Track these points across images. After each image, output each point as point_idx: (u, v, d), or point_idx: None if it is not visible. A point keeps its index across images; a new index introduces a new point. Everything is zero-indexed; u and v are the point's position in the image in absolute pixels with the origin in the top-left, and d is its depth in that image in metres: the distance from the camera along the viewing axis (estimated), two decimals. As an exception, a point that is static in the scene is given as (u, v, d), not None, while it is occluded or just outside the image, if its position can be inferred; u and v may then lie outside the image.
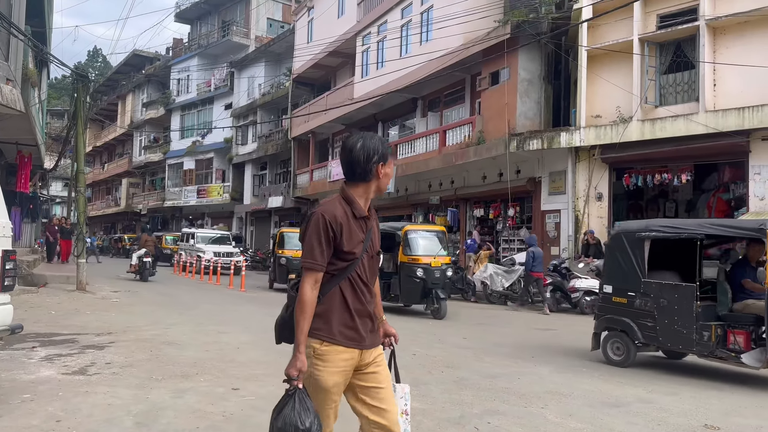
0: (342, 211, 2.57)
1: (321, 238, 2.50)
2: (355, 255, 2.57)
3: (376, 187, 2.69)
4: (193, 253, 24.75)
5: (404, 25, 21.45)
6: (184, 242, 26.86)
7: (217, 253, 24.05)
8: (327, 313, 2.56)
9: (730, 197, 14.88)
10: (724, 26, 14.00)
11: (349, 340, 2.58)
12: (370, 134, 2.69)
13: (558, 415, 5.17)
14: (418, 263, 11.74)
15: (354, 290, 2.59)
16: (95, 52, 75.20)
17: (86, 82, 16.82)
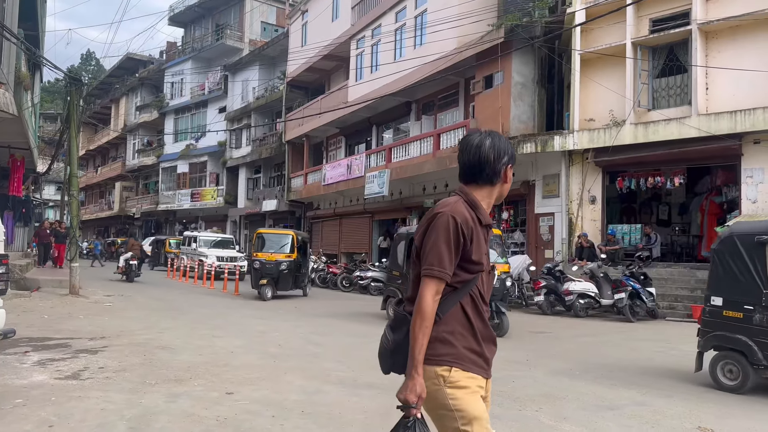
0: (469, 215, 2.26)
1: (451, 243, 2.18)
2: (483, 267, 2.28)
3: (499, 192, 2.42)
4: (195, 257, 23.90)
5: (398, 28, 21.49)
6: (186, 246, 25.87)
7: (220, 257, 23.20)
8: (450, 334, 2.22)
9: (722, 200, 14.96)
10: (716, 30, 14.10)
11: (477, 367, 2.27)
12: (496, 132, 2.43)
13: (552, 418, 5.17)
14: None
15: (476, 309, 2.30)
16: (88, 56, 74.93)
17: (79, 86, 16.77)
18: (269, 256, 15.68)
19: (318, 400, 5.45)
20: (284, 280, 15.71)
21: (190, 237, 26.14)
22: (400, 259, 11.49)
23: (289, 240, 16.22)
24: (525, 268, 15.23)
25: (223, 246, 25.01)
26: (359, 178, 23.30)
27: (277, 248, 16.09)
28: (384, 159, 22.27)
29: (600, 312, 13.66)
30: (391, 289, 11.77)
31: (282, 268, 15.48)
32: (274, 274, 15.48)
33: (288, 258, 15.75)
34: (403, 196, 22.77)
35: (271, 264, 15.53)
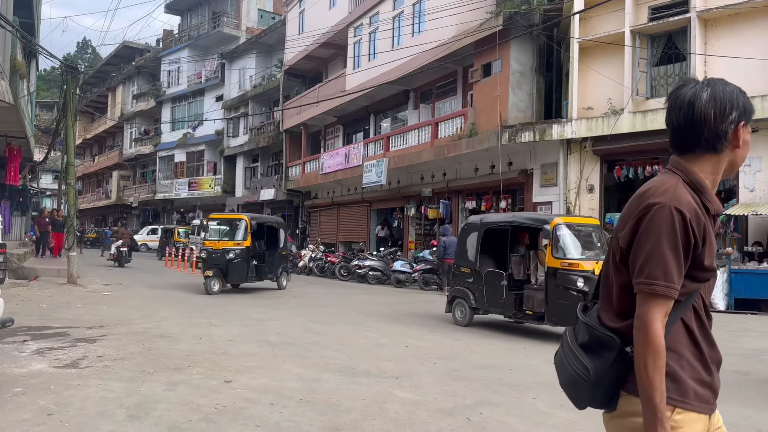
0: (696, 204, 1.71)
1: (678, 248, 1.64)
2: (714, 272, 1.77)
3: (730, 162, 1.81)
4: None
5: (396, 16, 21.37)
6: (196, 236, 24.16)
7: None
8: (676, 363, 1.70)
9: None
10: (715, 18, 14.05)
11: (705, 404, 1.76)
12: (719, 80, 1.84)
13: (549, 405, 5.20)
14: (578, 270, 8.34)
15: (702, 326, 1.79)
16: (84, 44, 74.47)
17: (76, 74, 16.69)
18: (216, 244, 14.02)
19: (316, 388, 5.48)
20: (235, 271, 13.82)
21: (198, 226, 24.36)
22: (471, 253, 9.87)
23: (241, 225, 14.28)
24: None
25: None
26: (357, 167, 23.27)
27: (226, 235, 14.50)
28: (382, 148, 22.23)
29: (597, 300, 13.69)
30: (459, 290, 10.01)
31: (230, 258, 13.64)
32: (222, 264, 13.69)
33: (238, 246, 13.87)
34: (401, 185, 22.75)
35: (218, 253, 13.78)
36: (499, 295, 9.19)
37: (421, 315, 11.21)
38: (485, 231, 9.73)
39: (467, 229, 10.28)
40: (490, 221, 10.05)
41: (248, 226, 14.22)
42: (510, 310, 9.11)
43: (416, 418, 4.70)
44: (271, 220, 16.68)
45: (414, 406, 5.00)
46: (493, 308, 9.46)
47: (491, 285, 9.35)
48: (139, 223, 46.06)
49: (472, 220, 10.53)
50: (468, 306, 9.68)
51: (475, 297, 9.61)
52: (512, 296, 9.11)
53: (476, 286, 9.59)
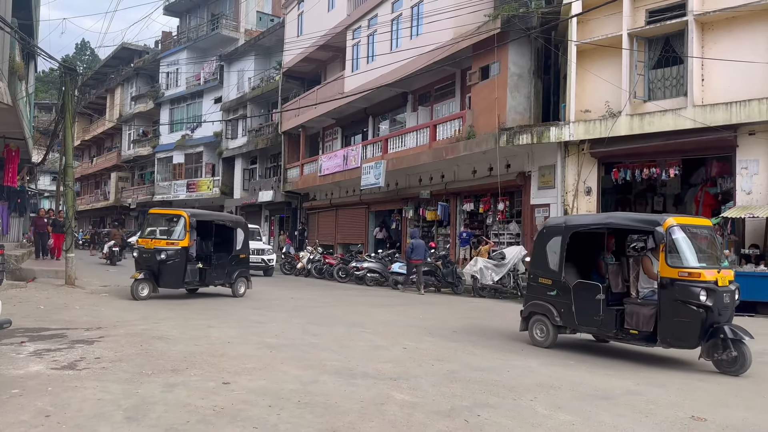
0: None
1: None
2: None
3: None
4: None
5: (394, 19, 21.41)
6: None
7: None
8: None
9: (717, 191, 15.02)
10: (712, 21, 14.09)
11: None
12: None
13: (547, 407, 5.22)
14: (699, 281, 7.01)
15: None
16: (83, 45, 74.41)
17: (74, 76, 16.67)
18: (149, 243, 12.49)
19: (314, 390, 5.48)
20: (168, 274, 12.27)
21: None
22: (554, 261, 8.35)
23: (179, 222, 12.60)
24: (520, 258, 15.30)
25: (252, 238, 23.09)
26: (355, 169, 23.28)
27: (162, 233, 12.92)
28: (380, 150, 22.24)
29: (595, 303, 13.71)
30: (538, 305, 8.48)
31: (161, 258, 12.08)
32: (153, 265, 12.21)
33: (171, 245, 12.29)
34: (399, 187, 22.77)
35: (148, 253, 12.30)
36: (594, 311, 7.74)
37: (419, 317, 11.22)
38: (570, 235, 8.22)
39: (547, 233, 8.68)
40: (578, 223, 8.55)
41: (187, 224, 12.51)
42: (609, 328, 7.72)
43: (414, 419, 4.71)
44: (226, 218, 14.93)
45: (412, 408, 5.00)
46: (586, 326, 8.05)
47: (583, 299, 7.90)
48: (137, 225, 45.99)
49: (554, 222, 9.04)
50: (551, 324, 8.27)
51: (560, 313, 8.16)
52: (612, 313, 7.68)
53: (562, 301, 8.14)
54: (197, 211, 14.30)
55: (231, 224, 14.15)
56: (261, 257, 20.83)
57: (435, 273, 16.72)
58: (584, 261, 8.50)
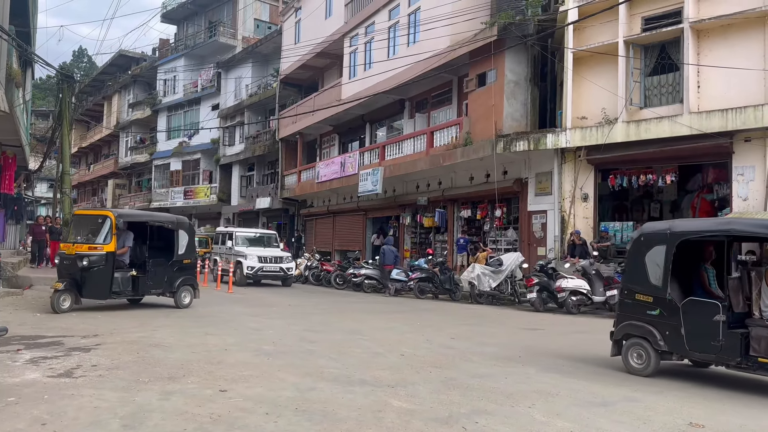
0: None
1: None
2: None
3: None
4: (231, 258, 19.87)
5: (392, 26, 21.49)
6: (220, 245, 21.57)
7: (262, 257, 19.40)
8: None
9: (713, 198, 15.04)
10: (707, 29, 14.17)
11: None
12: None
13: (545, 414, 5.21)
14: None
15: None
16: (80, 53, 74.49)
17: (71, 83, 16.71)
18: (71, 248, 11.12)
19: (312, 397, 5.47)
20: (91, 283, 10.89)
21: (224, 234, 21.88)
22: (656, 275, 7.10)
23: (105, 224, 11.16)
24: (518, 265, 15.30)
25: (265, 243, 20.97)
26: (353, 175, 23.30)
27: (85, 236, 11.39)
28: (377, 157, 22.27)
29: (592, 309, 13.73)
30: (634, 326, 7.25)
31: (83, 265, 10.75)
32: (74, 273, 10.86)
33: (94, 250, 10.92)
34: (396, 193, 22.78)
35: (69, 259, 10.99)
36: (711, 334, 6.52)
37: (417, 323, 11.21)
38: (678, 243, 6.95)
39: (645, 242, 7.36)
40: (687, 230, 7.15)
41: (113, 225, 11.09)
42: (732, 356, 6.45)
43: (412, 427, 4.70)
44: (164, 218, 13.18)
45: (410, 416, 4.99)
46: (700, 353, 6.76)
47: (695, 320, 6.68)
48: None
49: (654, 228, 7.59)
50: (652, 349, 7.00)
51: (664, 337, 6.90)
52: (735, 337, 6.44)
53: (667, 322, 6.89)
54: (128, 212, 13.32)
55: (171, 226, 12.48)
56: (279, 266, 19.63)
57: (432, 279, 16.71)
58: (686, 274, 7.24)
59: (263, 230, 24.35)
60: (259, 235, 21.66)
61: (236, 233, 21.00)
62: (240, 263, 19.31)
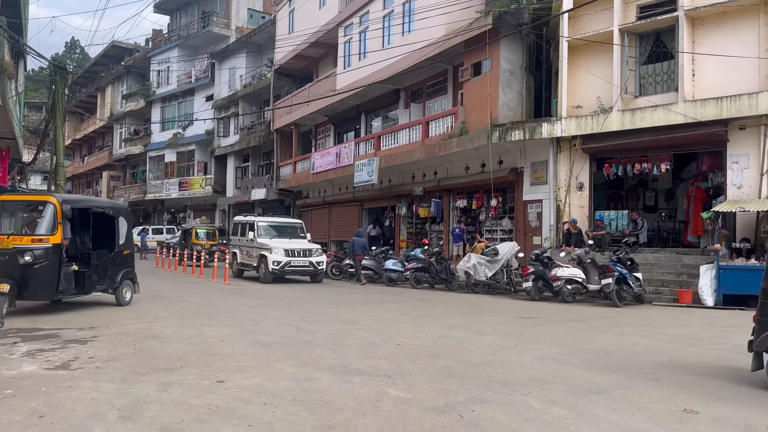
0: None
1: None
2: None
3: None
4: (253, 251, 18.08)
5: (386, 15, 21.38)
6: (240, 236, 19.41)
7: (289, 251, 17.33)
8: None
9: (708, 186, 15.11)
10: (702, 17, 14.16)
11: None
12: None
13: (541, 402, 5.24)
14: None
15: None
16: (73, 44, 73.93)
17: (64, 74, 16.61)
18: (5, 241, 9.14)
19: (309, 387, 5.49)
20: (36, 282, 9.11)
21: (244, 224, 19.50)
22: None
23: (47, 211, 9.42)
24: (513, 254, 15.35)
25: (290, 234, 18.75)
26: (348, 166, 23.26)
27: (19, 227, 9.70)
28: (373, 147, 22.24)
29: (587, 297, 13.80)
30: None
31: (26, 262, 8.97)
32: (13, 272, 8.97)
33: (39, 243, 9.18)
34: (392, 184, 22.77)
35: (5, 255, 9.03)
36: None
37: (413, 313, 11.24)
38: None
39: None
40: None
41: (59, 212, 9.36)
42: None
43: (409, 416, 4.72)
44: (104, 204, 11.71)
45: (407, 404, 5.02)
46: None
47: None
48: (129, 224, 45.75)
49: None
50: None
51: None
52: None
53: None
54: (71, 197, 11.67)
55: (111, 212, 10.97)
56: (308, 260, 17.42)
57: (428, 270, 16.74)
58: None
59: (288, 219, 22.01)
60: (284, 225, 19.55)
61: (258, 223, 18.77)
62: (264, 258, 17.26)
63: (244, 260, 18.25)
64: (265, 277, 17.14)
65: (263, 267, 17.26)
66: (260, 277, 17.37)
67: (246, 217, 21.76)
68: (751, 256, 12.79)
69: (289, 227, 19.36)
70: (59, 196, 10.28)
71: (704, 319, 11.14)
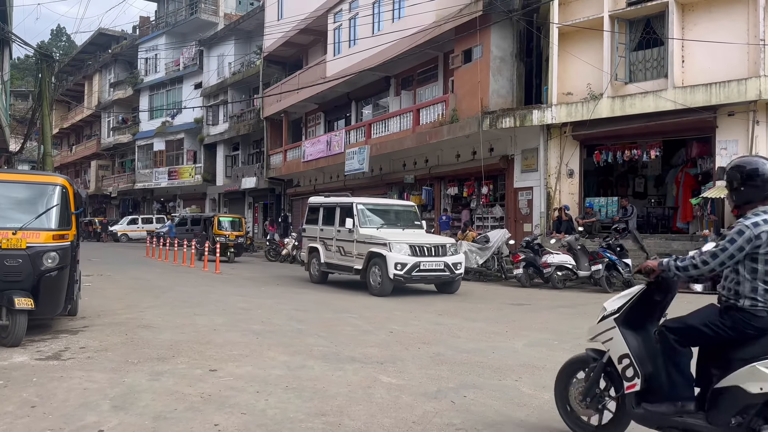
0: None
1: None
2: None
3: None
4: (352, 247, 12.73)
5: (376, 2, 21.24)
6: (322, 225, 13.97)
7: (416, 247, 11.74)
8: None
9: (697, 172, 15.20)
10: (692, 3, 14.17)
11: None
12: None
13: (532, 387, 5.29)
14: None
15: None
16: (59, 31, 72.98)
17: (51, 62, 16.41)
18: (11, 238, 6.60)
19: (302, 375, 5.51)
20: (48, 294, 6.75)
21: (330, 207, 13.88)
22: None
23: (56, 196, 7.13)
24: (504, 241, 15.40)
25: (404, 222, 13.18)
26: (339, 154, 23.21)
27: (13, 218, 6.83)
28: (364, 135, 22.18)
29: (577, 283, 13.89)
30: None
31: (48, 266, 6.69)
32: (26, 280, 6.59)
33: (60, 242, 6.92)
34: (383, 172, 22.74)
35: (16, 258, 6.58)
36: None
37: (405, 301, 11.27)
38: None
39: None
40: None
41: (71, 199, 7.33)
42: None
43: (401, 402, 4.75)
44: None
45: (399, 391, 5.05)
46: None
47: None
48: (118, 214, 45.56)
49: None
50: None
51: None
52: None
53: None
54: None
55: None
56: (442, 260, 11.90)
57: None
58: None
59: (397, 201, 16.23)
60: (394, 208, 13.77)
61: (358, 205, 12.95)
62: (378, 258, 11.78)
63: (334, 260, 13.32)
64: (382, 287, 11.59)
65: (376, 272, 11.78)
66: (371, 287, 11.93)
67: (330, 198, 14.55)
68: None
69: (402, 211, 13.65)
70: (60, 175, 8.00)
71: (692, 305, 11.22)
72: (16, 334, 6.44)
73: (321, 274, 14.14)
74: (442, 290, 12.57)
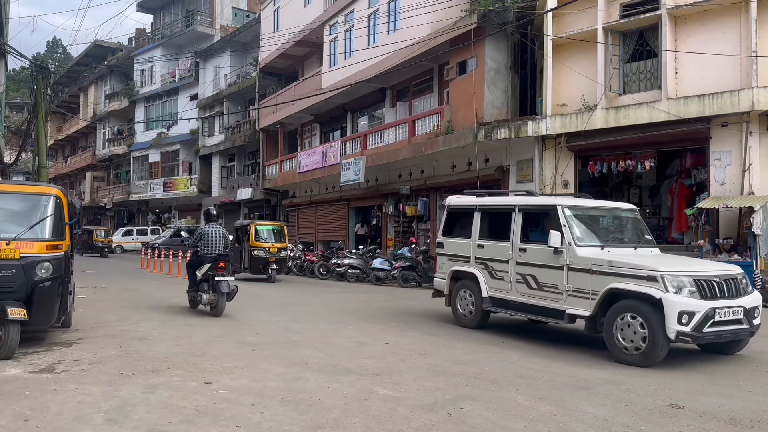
0: None
1: None
2: None
3: None
4: (559, 278, 7.79)
5: (371, 14, 21.37)
6: (479, 239, 9.22)
7: (706, 285, 6.86)
8: None
9: (691, 183, 15.26)
10: (685, 15, 14.29)
11: None
12: None
13: (529, 398, 5.27)
14: None
15: None
16: (55, 43, 73.07)
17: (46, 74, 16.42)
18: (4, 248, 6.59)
19: (297, 387, 5.48)
20: (41, 304, 6.72)
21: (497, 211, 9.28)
22: None
23: (50, 207, 7.12)
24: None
25: (630, 237, 8.60)
26: (335, 165, 23.22)
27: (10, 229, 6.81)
28: (359, 146, 22.22)
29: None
30: None
31: (42, 276, 6.68)
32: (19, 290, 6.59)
33: (54, 252, 6.91)
34: (379, 182, 22.77)
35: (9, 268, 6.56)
36: None
37: (401, 312, 11.25)
38: None
39: None
40: None
41: (65, 209, 7.30)
42: None
43: (398, 414, 4.73)
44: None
45: (395, 403, 5.02)
46: None
47: None
48: (113, 225, 45.40)
49: None
50: None
51: None
52: None
53: None
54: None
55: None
56: (739, 304, 7.00)
57: (416, 268, 16.76)
58: None
59: (611, 203, 9.63)
60: (612, 215, 8.92)
61: (565, 209, 8.05)
62: (637, 301, 6.92)
63: (514, 294, 8.53)
64: (653, 353, 6.73)
65: (633, 325, 6.86)
66: (616, 351, 7.04)
67: (494, 197, 10.32)
68: (733, 252, 12.94)
69: (625, 218, 8.91)
70: (56, 186, 8.09)
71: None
72: (8, 346, 6.43)
73: (480, 314, 9.13)
74: (732, 350, 7.45)
